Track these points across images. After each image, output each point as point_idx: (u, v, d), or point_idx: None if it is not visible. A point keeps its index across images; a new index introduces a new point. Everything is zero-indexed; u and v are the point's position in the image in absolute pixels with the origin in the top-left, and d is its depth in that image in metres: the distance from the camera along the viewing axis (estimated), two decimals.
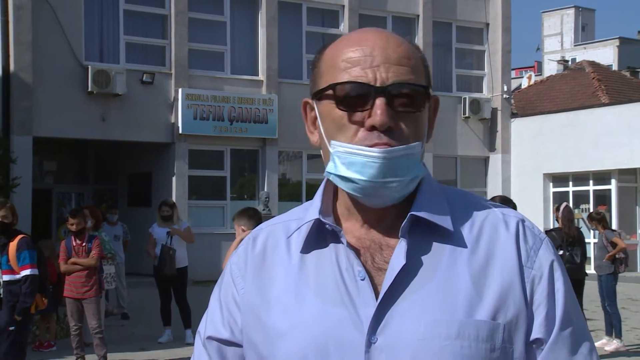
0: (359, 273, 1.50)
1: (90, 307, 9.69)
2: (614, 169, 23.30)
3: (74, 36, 19.06)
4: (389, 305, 1.47)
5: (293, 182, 22.73)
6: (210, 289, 7.53)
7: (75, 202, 22.76)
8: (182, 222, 12.45)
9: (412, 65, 1.52)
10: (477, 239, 1.54)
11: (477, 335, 1.45)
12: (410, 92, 1.50)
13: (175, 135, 20.30)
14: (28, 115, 18.41)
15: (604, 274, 11.46)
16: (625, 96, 27.48)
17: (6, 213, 8.10)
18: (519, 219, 1.58)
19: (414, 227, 1.52)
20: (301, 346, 1.48)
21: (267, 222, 1.71)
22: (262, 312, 1.56)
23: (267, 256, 1.62)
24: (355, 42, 1.54)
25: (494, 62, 25.44)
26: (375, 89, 1.48)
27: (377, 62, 1.50)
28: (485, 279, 1.49)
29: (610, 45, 64.99)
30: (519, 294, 1.50)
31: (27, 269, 8.08)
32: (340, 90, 1.51)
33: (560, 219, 11.06)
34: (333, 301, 1.49)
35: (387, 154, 1.47)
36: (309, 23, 22.68)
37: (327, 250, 1.56)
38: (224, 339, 1.62)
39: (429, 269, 1.50)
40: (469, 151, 25.12)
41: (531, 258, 1.53)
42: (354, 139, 1.50)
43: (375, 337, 1.45)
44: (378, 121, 1.47)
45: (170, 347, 11.36)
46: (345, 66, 1.51)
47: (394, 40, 1.54)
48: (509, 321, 1.48)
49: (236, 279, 1.64)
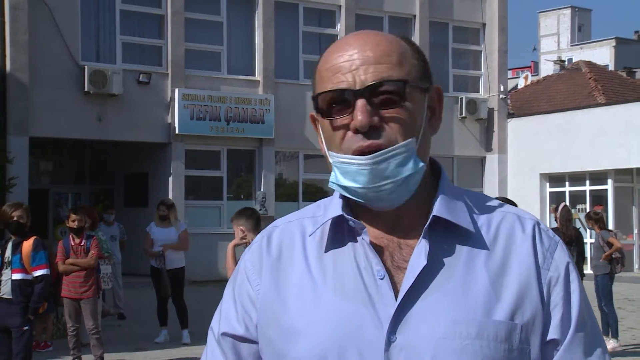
0: (378, 272, 1.51)
1: (88, 307, 9.67)
2: (611, 169, 23.33)
3: (71, 36, 19.05)
4: (409, 305, 1.48)
5: (290, 182, 22.73)
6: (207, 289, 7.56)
7: (71, 202, 22.73)
8: (179, 224, 12.32)
9: (393, 61, 1.52)
10: (494, 240, 1.55)
11: (496, 336, 1.47)
12: (392, 89, 1.50)
13: (171, 135, 20.30)
14: (24, 115, 18.40)
15: (600, 273, 11.50)
16: (622, 96, 27.50)
17: (22, 214, 8.24)
18: (534, 221, 1.60)
19: (433, 227, 1.54)
20: (320, 344, 1.49)
21: (281, 219, 1.72)
22: (279, 309, 1.56)
23: (283, 254, 1.62)
24: (337, 48, 1.55)
25: (490, 62, 25.46)
26: (355, 92, 1.49)
27: (355, 65, 1.51)
28: (502, 280, 1.51)
29: (606, 45, 65.06)
30: (535, 295, 1.51)
31: (43, 269, 8.17)
32: (322, 101, 1.54)
33: (558, 219, 11.12)
34: (352, 300, 1.50)
35: (371, 160, 1.48)
36: (306, 23, 22.68)
37: (346, 249, 1.56)
38: (239, 335, 1.62)
39: (448, 269, 1.51)
40: (466, 151, 25.14)
41: (547, 260, 1.55)
42: (342, 145, 1.51)
43: (395, 336, 1.46)
44: (359, 123, 1.48)
45: (167, 348, 11.36)
46: (328, 75, 1.53)
47: (373, 40, 1.54)
48: (526, 322, 1.49)
49: (251, 276, 1.64)
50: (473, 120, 25.01)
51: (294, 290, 1.56)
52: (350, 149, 1.50)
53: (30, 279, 8.19)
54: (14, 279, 8.14)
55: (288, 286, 1.57)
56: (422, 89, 1.55)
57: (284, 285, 1.58)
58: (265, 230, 1.69)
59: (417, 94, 1.54)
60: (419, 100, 1.54)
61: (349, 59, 1.52)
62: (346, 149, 1.51)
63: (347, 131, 1.50)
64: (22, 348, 8.10)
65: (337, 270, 1.54)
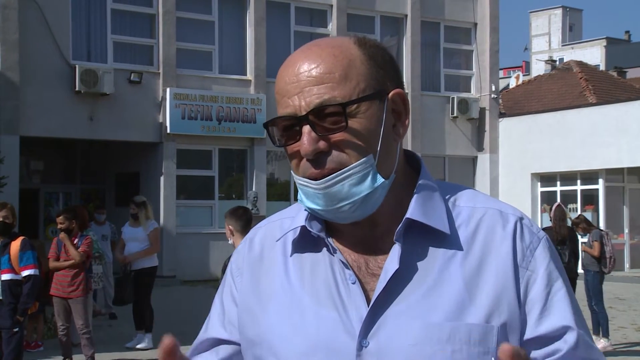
0: (350, 277, 1.49)
1: (77, 307, 9.61)
2: (602, 169, 23.39)
3: (62, 35, 18.99)
4: (381, 310, 1.46)
5: (281, 181, 22.72)
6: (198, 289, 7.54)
7: (62, 201, 22.68)
8: (149, 223, 11.65)
9: (336, 78, 1.45)
10: (472, 239, 1.50)
11: (469, 339, 1.43)
12: (334, 110, 1.44)
13: (163, 134, 20.26)
14: (15, 114, 18.34)
15: (590, 271, 11.54)
16: (613, 96, 27.58)
17: (7, 214, 8.17)
18: (517, 217, 1.54)
19: (409, 230, 1.50)
20: (294, 347, 1.48)
21: (265, 219, 1.71)
22: (258, 311, 1.56)
23: (264, 255, 1.62)
24: (284, 68, 1.52)
25: (482, 61, 25.49)
26: (299, 119, 1.46)
27: (299, 88, 1.47)
28: (478, 281, 1.47)
29: (597, 45, 65.26)
30: (512, 295, 1.47)
31: (30, 269, 8.14)
32: (271, 130, 1.53)
33: (552, 218, 11.22)
34: (325, 304, 1.49)
35: (322, 185, 1.45)
36: (297, 23, 22.67)
37: (321, 255, 1.55)
38: (223, 339, 1.63)
39: (422, 273, 1.48)
40: (457, 151, 25.16)
41: (527, 258, 1.50)
42: (298, 170, 1.49)
43: (367, 341, 1.44)
44: (303, 151, 1.45)
45: (158, 347, 11.30)
46: (278, 98, 1.52)
47: (316, 56, 1.48)
48: (503, 323, 1.45)
49: (235, 278, 1.64)
50: (464, 120, 25.04)
51: (271, 293, 1.56)
52: (305, 174, 1.48)
53: (19, 279, 8.16)
54: (3, 279, 8.12)
55: (266, 288, 1.57)
56: (376, 97, 1.48)
57: (262, 287, 1.58)
58: (250, 233, 1.70)
59: (370, 105, 1.47)
60: (373, 110, 1.47)
61: (294, 81, 1.48)
62: (302, 174, 1.48)
63: (301, 157, 1.47)
64: (12, 349, 8.08)
65: (313, 274, 1.53)
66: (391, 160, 1.51)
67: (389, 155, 1.50)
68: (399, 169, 1.53)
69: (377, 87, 1.48)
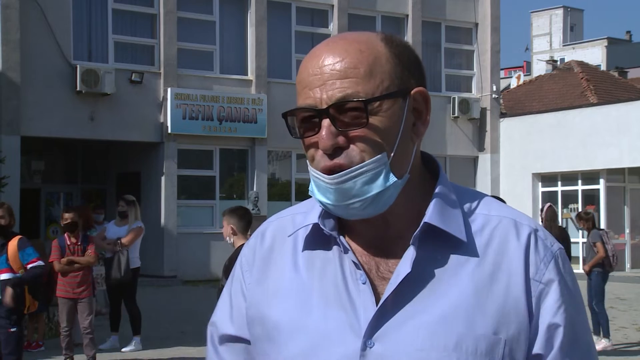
0: (360, 276, 1.48)
1: (85, 307, 9.65)
2: (603, 169, 23.38)
3: (63, 35, 19.00)
4: (390, 312, 1.45)
5: (282, 181, 22.72)
6: (199, 289, 7.54)
7: (63, 201, 22.67)
8: (135, 222, 11.53)
9: (360, 74, 1.45)
10: (485, 248, 1.49)
11: (476, 350, 1.42)
12: (356, 106, 1.44)
13: (164, 134, 20.26)
14: (16, 114, 18.34)
15: (594, 271, 11.54)
16: (614, 96, 27.59)
17: (3, 214, 8.10)
18: (532, 229, 1.52)
19: (424, 235, 1.48)
20: (299, 344, 1.48)
21: (275, 215, 1.70)
22: (265, 308, 1.55)
23: (275, 251, 1.61)
24: (309, 59, 1.50)
25: (483, 62, 25.49)
26: (319, 112, 1.45)
27: (322, 81, 1.45)
28: (489, 292, 1.45)
29: (598, 45, 65.25)
30: (523, 308, 1.45)
31: (37, 261, 8.10)
32: (290, 119, 1.51)
33: (543, 219, 11.28)
34: (333, 302, 1.48)
35: (335, 180, 1.45)
36: (298, 22, 22.68)
37: (332, 253, 1.54)
38: (232, 334, 1.63)
39: (434, 279, 1.47)
40: (458, 151, 25.16)
41: (540, 271, 1.48)
42: (313, 163, 1.49)
43: (372, 341, 1.43)
44: (322, 146, 1.45)
45: (159, 347, 11.32)
46: (299, 89, 1.49)
47: (342, 49, 1.47)
48: (511, 336, 1.44)
49: (245, 273, 1.63)
50: (465, 120, 25.04)
51: (279, 288, 1.55)
52: (319, 167, 1.47)
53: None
54: (2, 279, 8.09)
55: (274, 283, 1.56)
56: (399, 96, 1.48)
57: (272, 284, 1.57)
58: (261, 227, 1.68)
59: (392, 102, 1.46)
60: (394, 109, 1.47)
61: (318, 73, 1.46)
62: (316, 166, 1.48)
63: (317, 149, 1.47)
64: (12, 348, 8.05)
65: (323, 272, 1.53)
66: (406, 160, 1.50)
67: (404, 155, 1.49)
68: (414, 169, 1.52)
69: (400, 86, 1.48)
